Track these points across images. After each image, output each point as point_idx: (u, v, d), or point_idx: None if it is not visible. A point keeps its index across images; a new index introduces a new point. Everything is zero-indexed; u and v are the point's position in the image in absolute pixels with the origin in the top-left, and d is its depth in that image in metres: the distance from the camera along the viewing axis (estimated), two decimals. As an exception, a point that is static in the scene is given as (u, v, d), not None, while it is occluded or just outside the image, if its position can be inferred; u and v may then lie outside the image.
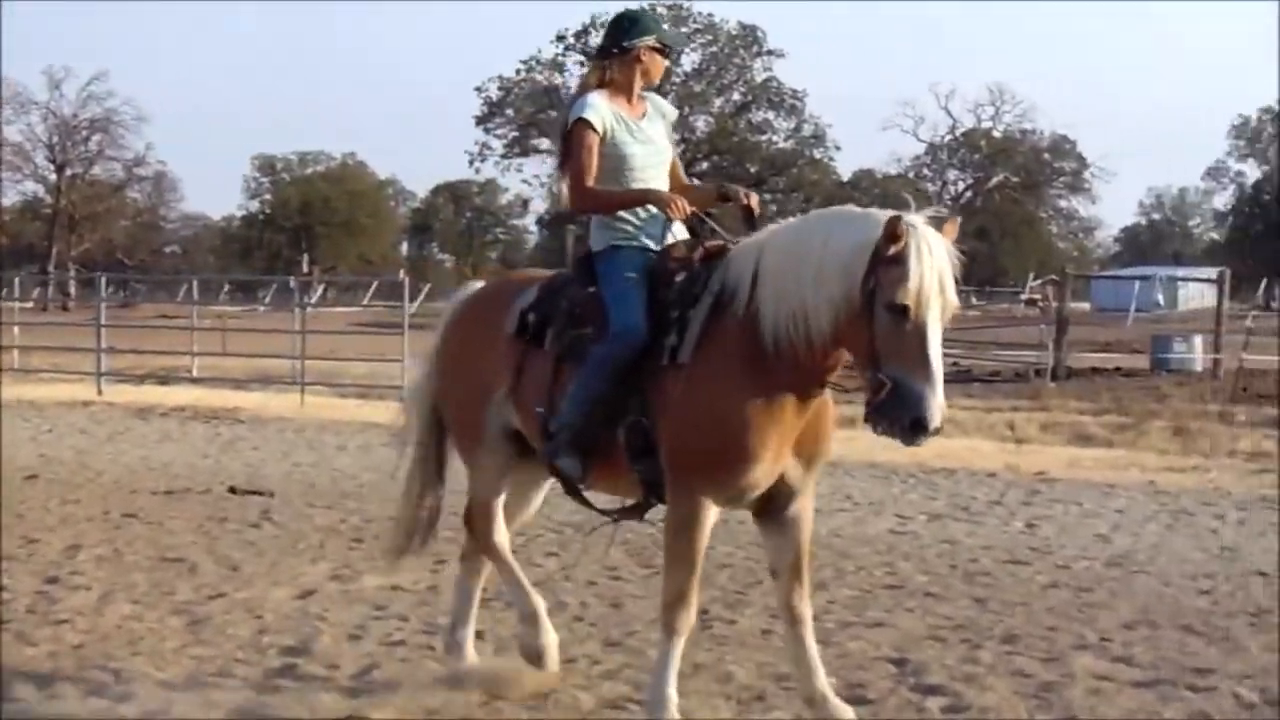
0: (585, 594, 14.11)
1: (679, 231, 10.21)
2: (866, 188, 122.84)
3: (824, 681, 9.81)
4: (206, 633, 12.43)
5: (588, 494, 10.43)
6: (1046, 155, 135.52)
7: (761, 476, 9.44)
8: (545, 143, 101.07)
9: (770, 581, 10.19)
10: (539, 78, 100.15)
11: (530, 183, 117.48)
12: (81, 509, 18.44)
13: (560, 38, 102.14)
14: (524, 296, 10.40)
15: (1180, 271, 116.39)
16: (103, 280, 47.68)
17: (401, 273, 53.24)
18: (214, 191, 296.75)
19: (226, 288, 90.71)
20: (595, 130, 9.97)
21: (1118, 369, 49.40)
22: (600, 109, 10.05)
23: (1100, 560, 16.19)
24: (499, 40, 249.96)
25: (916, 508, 19.64)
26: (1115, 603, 14.05)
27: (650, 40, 10.20)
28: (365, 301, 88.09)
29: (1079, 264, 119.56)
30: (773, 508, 9.74)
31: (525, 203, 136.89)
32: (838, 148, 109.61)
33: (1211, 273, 73.36)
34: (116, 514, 18.25)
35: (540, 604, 10.84)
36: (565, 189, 10.25)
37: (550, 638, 10.70)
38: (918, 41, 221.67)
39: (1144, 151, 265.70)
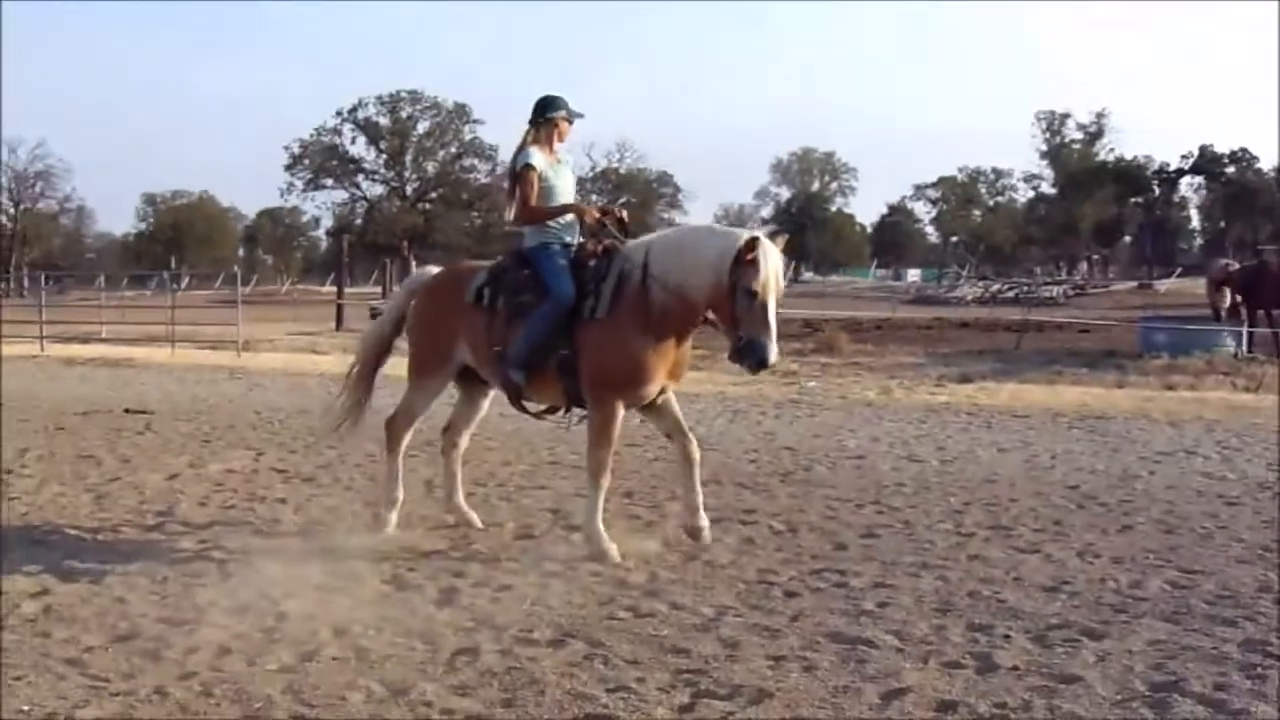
0: (354, 472, 14.08)
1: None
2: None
3: (700, 500, 10.62)
4: (107, 504, 12.17)
5: (526, 404, 10.89)
6: (654, 184, 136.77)
7: (653, 389, 10.25)
8: (330, 181, 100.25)
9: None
10: (324, 139, 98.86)
11: (320, 208, 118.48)
12: (29, 425, 17.89)
13: (339, 113, 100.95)
14: (478, 277, 10.75)
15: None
16: (43, 277, 55.70)
17: (236, 268, 52.49)
18: (118, 216, 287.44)
19: (125, 280, 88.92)
20: (536, 170, 10.48)
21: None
22: (538, 157, 10.54)
23: (687, 442, 16.31)
24: (298, 110, 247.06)
25: (577, 413, 19.47)
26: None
27: (562, 114, 10.74)
28: (215, 287, 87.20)
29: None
30: (651, 404, 10.49)
31: (317, 220, 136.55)
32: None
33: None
34: (51, 427, 17.80)
35: (400, 495, 11.24)
36: (512, 208, 10.72)
37: (391, 519, 11.10)
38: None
39: (715, 179, 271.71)
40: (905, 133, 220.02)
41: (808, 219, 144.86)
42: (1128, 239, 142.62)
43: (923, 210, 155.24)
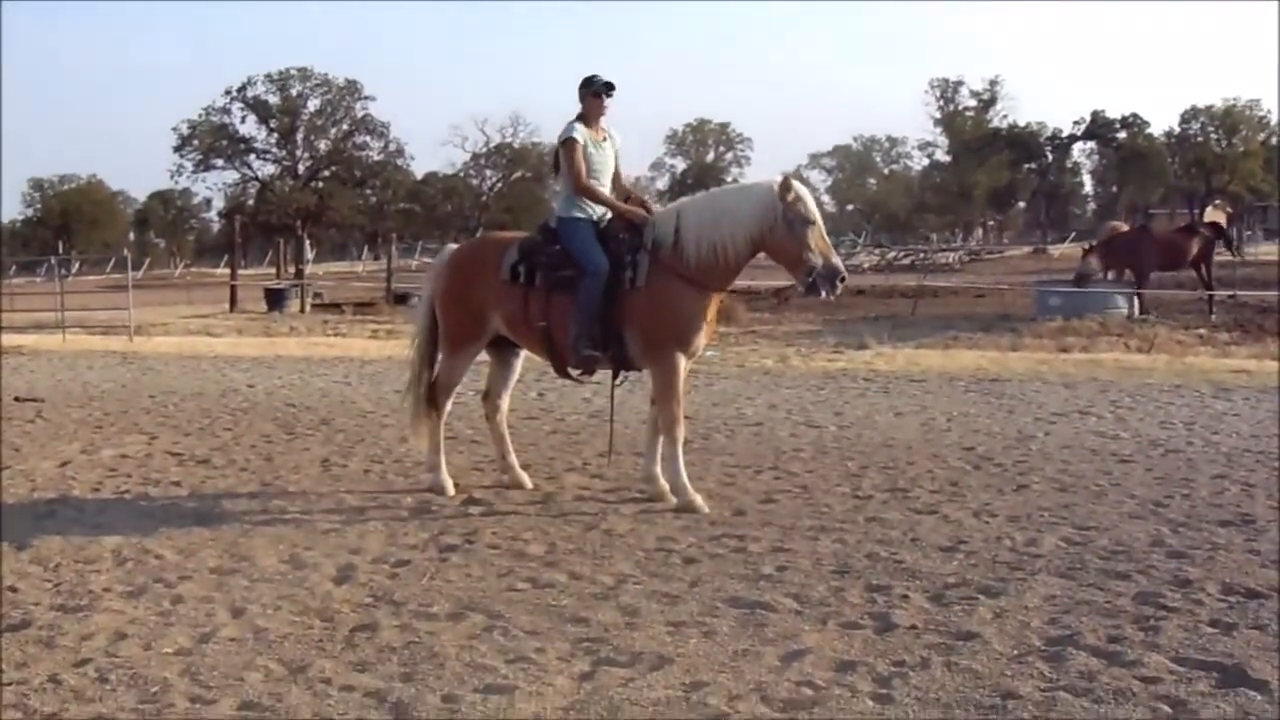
0: (249, 453, 13.91)
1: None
2: (433, 183, 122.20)
3: (657, 467, 11.14)
4: (-4, 494, 12.00)
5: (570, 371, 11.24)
6: (547, 158, 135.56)
7: (703, 339, 10.90)
8: (220, 162, 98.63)
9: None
10: (214, 119, 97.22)
11: (212, 189, 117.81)
12: (-88, 416, 17.48)
13: (228, 91, 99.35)
14: (509, 254, 11.15)
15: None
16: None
17: (127, 252, 51.74)
18: (4, 202, 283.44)
19: (14, 267, 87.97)
20: (579, 143, 10.94)
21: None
22: (581, 131, 11.00)
23: (584, 414, 16.33)
24: (190, 91, 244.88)
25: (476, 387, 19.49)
26: (594, 440, 14.19)
27: (589, 89, 11.02)
28: (106, 272, 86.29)
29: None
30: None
31: (209, 202, 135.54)
32: (412, 158, 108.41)
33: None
34: (-65, 418, 17.36)
35: (443, 459, 11.80)
36: (565, 179, 11.10)
37: (447, 482, 11.63)
38: (469, 86, 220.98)
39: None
40: (800, 101, 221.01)
41: (703, 190, 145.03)
42: (1022, 204, 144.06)
43: (818, 179, 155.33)
